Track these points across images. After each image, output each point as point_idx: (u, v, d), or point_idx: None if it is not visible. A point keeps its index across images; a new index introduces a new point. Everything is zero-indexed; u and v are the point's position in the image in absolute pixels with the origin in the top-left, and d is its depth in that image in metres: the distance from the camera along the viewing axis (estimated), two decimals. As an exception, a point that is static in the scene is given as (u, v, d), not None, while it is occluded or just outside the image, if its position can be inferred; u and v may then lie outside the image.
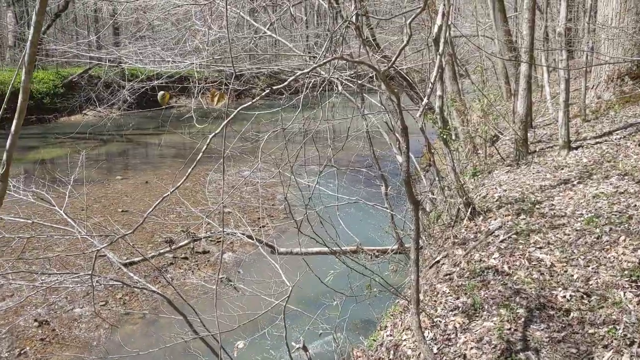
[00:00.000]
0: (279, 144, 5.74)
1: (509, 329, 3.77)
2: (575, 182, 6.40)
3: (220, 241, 11.07)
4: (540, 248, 4.85)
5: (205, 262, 9.71)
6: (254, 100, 2.36)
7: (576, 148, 7.83)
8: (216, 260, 9.46)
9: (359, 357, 4.75)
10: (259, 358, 5.53)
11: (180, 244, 7.68)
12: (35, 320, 7.73)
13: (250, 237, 6.27)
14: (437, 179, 6.16)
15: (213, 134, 2.46)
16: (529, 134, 8.57)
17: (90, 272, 3.14)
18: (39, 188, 5.58)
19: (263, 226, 10.60)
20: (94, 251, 3.08)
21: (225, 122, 2.39)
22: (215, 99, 2.84)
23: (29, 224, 4.34)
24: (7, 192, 4.61)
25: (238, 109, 2.41)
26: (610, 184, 6.05)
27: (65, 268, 6.58)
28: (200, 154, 2.51)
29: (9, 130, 1.54)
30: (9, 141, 1.53)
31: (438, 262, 5.52)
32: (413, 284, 3.21)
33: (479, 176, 8.14)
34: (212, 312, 3.92)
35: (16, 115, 1.52)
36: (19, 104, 1.50)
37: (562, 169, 7.10)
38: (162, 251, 7.79)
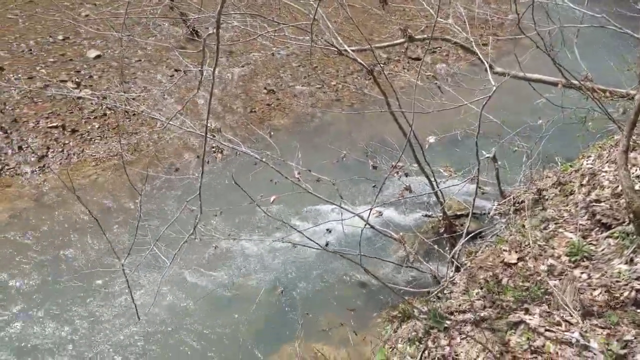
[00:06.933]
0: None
1: None
2: None
3: (434, 52, 10.84)
4: None
5: (415, 67, 9.76)
6: None
7: None
8: (427, 68, 9.44)
9: (548, 177, 4.61)
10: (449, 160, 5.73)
11: (395, 41, 7.71)
12: (265, 88, 9.06)
13: (467, 47, 5.97)
14: None
15: None
16: None
17: (312, 18, 3.39)
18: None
19: (485, 44, 9.95)
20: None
21: None
22: None
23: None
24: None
25: None
26: None
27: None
28: None
29: None
30: None
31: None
32: (636, 104, 2.84)
33: None
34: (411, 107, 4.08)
35: None
36: None
37: None
38: (386, 44, 7.84)
